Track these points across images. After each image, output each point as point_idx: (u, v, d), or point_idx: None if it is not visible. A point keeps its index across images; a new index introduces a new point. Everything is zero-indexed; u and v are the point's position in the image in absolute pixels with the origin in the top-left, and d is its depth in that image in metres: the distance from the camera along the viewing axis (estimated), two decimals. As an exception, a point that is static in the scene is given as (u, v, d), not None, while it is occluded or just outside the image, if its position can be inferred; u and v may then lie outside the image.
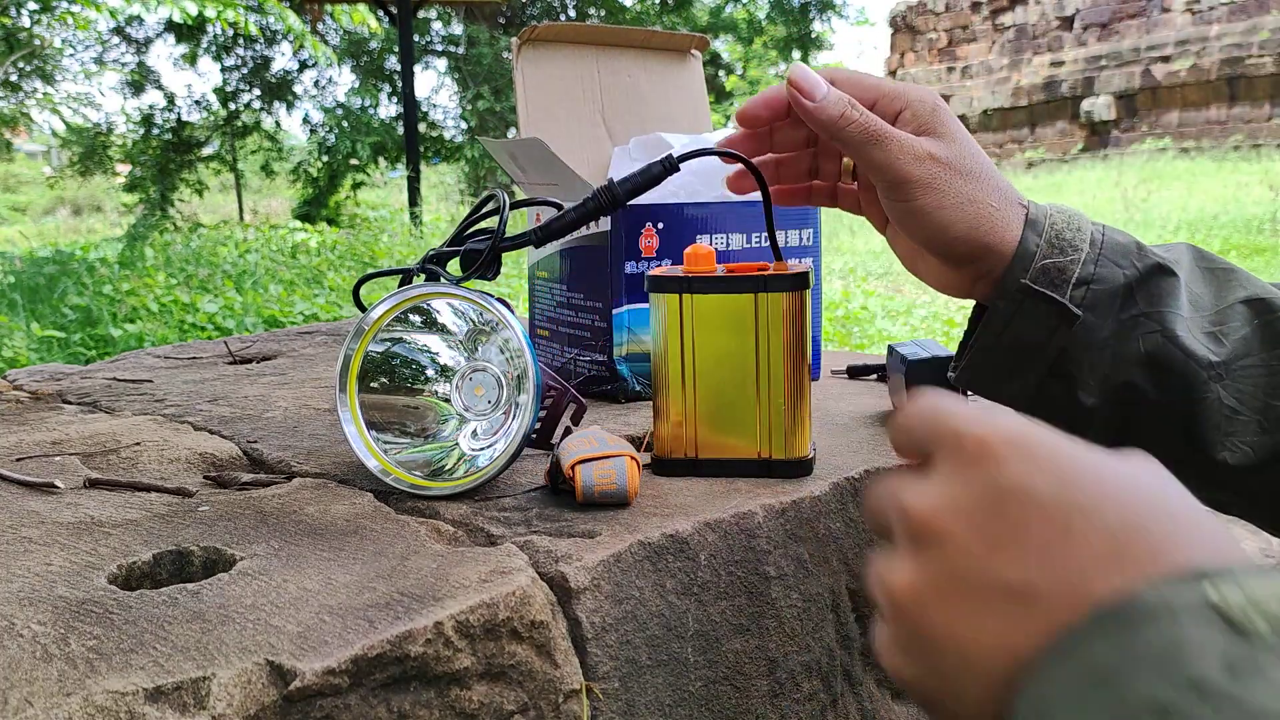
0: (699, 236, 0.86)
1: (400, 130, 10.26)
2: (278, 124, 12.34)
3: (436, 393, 0.66)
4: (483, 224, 0.69)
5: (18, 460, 0.73)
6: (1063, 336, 0.59)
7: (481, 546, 0.56)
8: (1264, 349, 0.57)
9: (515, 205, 0.70)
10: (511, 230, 0.69)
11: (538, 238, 0.67)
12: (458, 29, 11.36)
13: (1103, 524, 0.29)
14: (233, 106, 11.80)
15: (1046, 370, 0.60)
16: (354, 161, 11.05)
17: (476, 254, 0.67)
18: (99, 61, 11.47)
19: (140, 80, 11.62)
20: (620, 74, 1.03)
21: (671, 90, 1.05)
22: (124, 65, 11.57)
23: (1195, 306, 0.58)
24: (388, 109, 11.52)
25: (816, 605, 0.65)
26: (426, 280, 0.68)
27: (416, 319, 0.66)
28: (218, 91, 11.72)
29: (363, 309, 0.67)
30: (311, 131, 11.68)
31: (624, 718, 0.55)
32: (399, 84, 9.95)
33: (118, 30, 11.02)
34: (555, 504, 0.63)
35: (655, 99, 1.04)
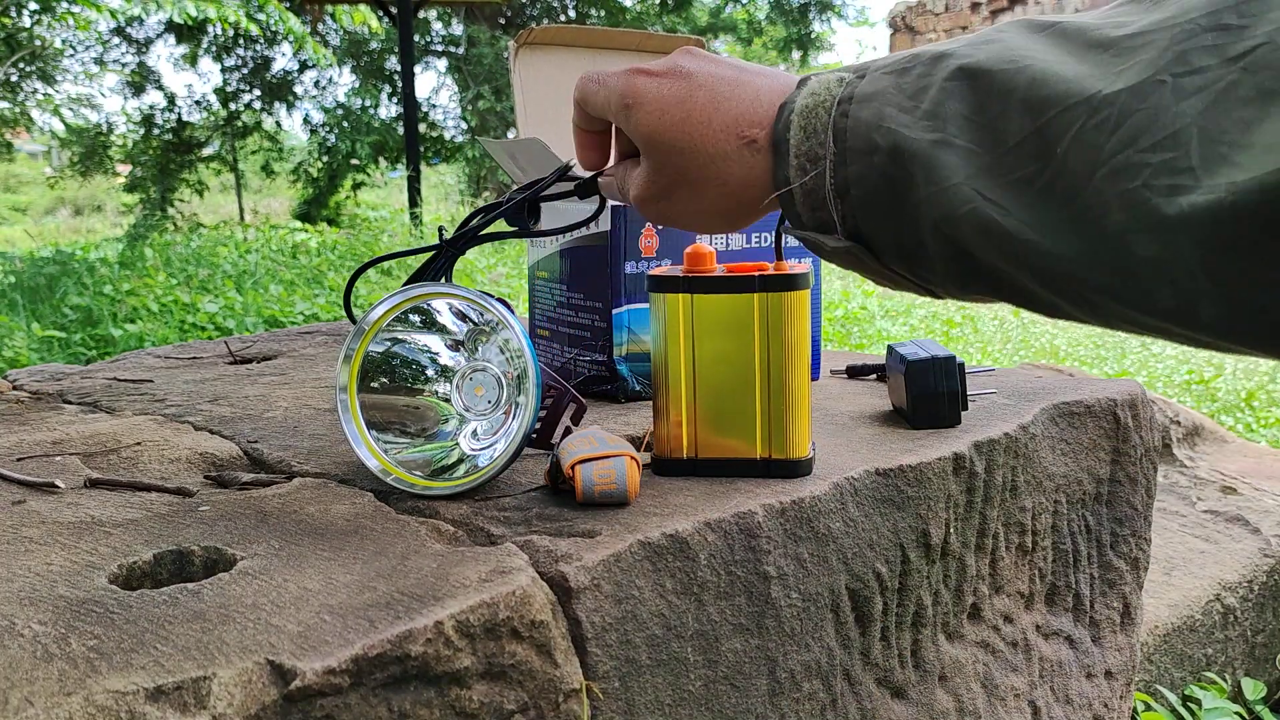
0: (699, 236, 0.86)
1: (400, 130, 10.26)
2: (278, 124, 12.34)
3: (437, 393, 0.66)
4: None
5: (18, 460, 0.73)
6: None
7: (482, 546, 0.56)
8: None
9: (545, 195, 0.69)
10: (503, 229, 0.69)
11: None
12: (458, 29, 11.36)
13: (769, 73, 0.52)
14: (233, 107, 11.80)
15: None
16: (354, 161, 11.05)
17: (519, 206, 0.67)
18: (99, 62, 11.47)
19: (140, 81, 11.62)
20: None
21: None
22: (124, 66, 11.57)
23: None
24: (388, 109, 11.52)
25: (816, 605, 0.65)
26: (431, 276, 0.68)
27: (416, 319, 0.66)
28: (218, 92, 11.72)
29: (350, 316, 0.67)
30: (312, 132, 11.68)
31: (624, 717, 0.55)
32: (399, 84, 9.95)
33: (118, 31, 11.02)
34: (555, 504, 0.63)
35: None
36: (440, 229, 0.70)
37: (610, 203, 0.67)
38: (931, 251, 0.43)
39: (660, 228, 0.85)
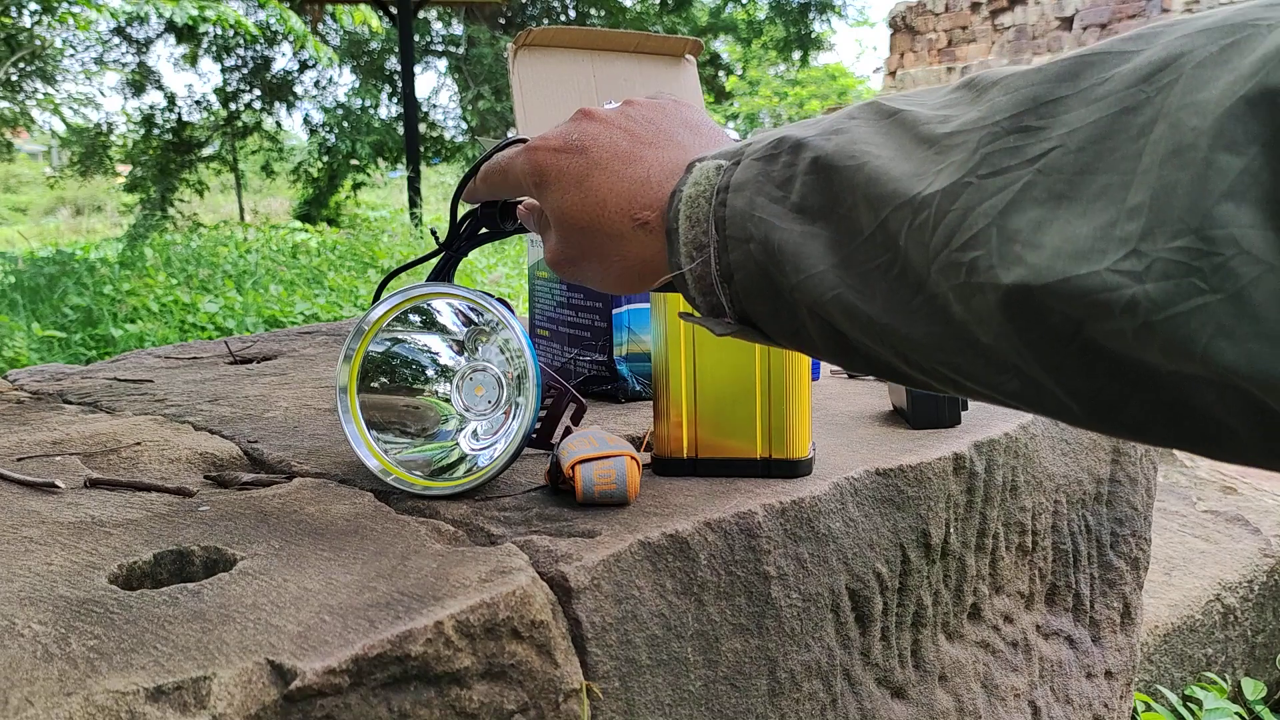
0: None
1: (400, 130, 10.26)
2: (278, 124, 12.34)
3: (437, 392, 0.66)
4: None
5: (18, 460, 0.73)
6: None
7: (482, 546, 0.56)
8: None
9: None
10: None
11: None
12: (458, 29, 11.36)
13: (693, 126, 0.55)
14: (233, 107, 11.81)
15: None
16: (354, 162, 11.06)
17: (492, 209, 0.67)
18: (99, 62, 11.47)
19: (141, 80, 11.62)
20: (616, 78, 1.03)
21: (666, 94, 1.05)
22: (124, 65, 11.57)
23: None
24: (388, 109, 11.52)
25: (816, 605, 0.65)
26: (431, 279, 0.68)
27: (416, 319, 0.66)
28: (218, 92, 11.73)
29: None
30: (312, 132, 11.69)
31: (624, 717, 0.55)
32: (399, 84, 9.96)
33: (118, 30, 11.02)
34: (555, 504, 0.63)
35: None
36: (433, 231, 0.70)
37: None
38: (810, 332, 0.45)
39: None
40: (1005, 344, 0.35)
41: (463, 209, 0.68)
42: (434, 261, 0.69)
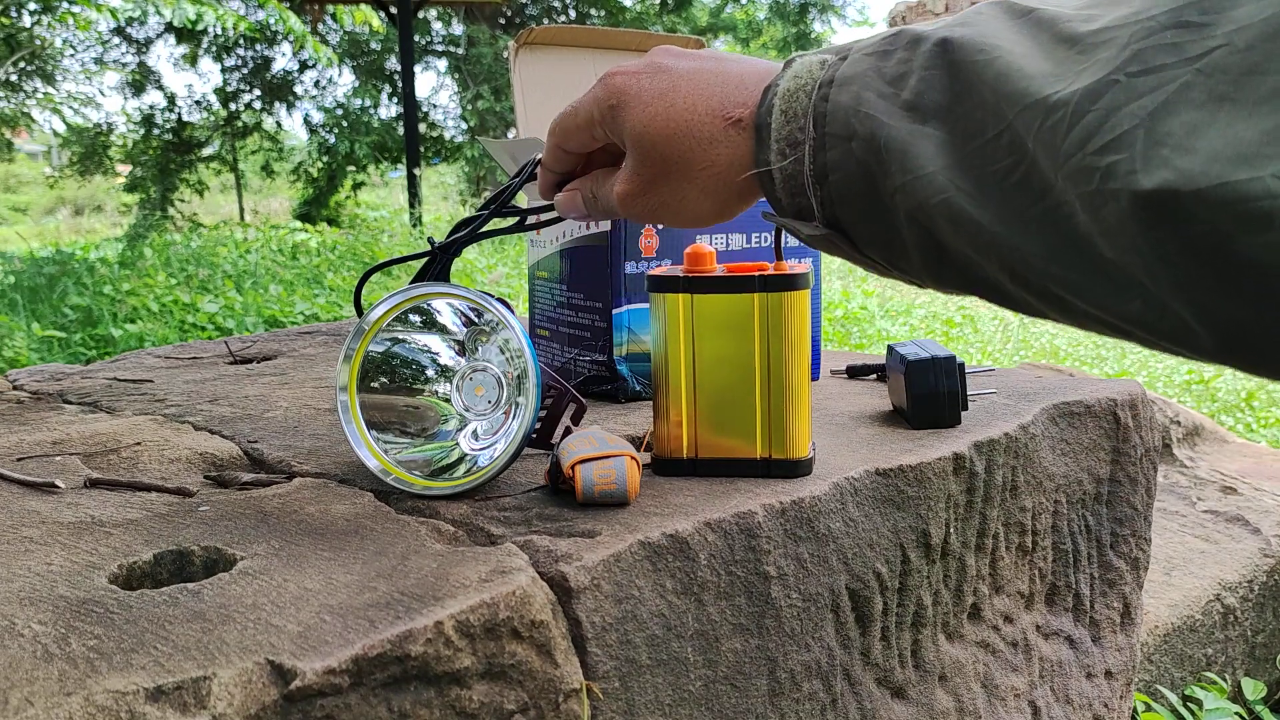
0: (699, 236, 0.86)
1: (400, 130, 10.27)
2: (278, 124, 12.34)
3: (437, 393, 0.66)
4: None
5: (18, 460, 0.73)
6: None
7: (482, 546, 0.56)
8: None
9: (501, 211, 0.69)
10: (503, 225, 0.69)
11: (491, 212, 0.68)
12: (458, 29, 11.36)
13: (748, 61, 0.52)
14: (233, 107, 11.81)
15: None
16: (353, 163, 11.06)
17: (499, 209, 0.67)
18: (99, 62, 11.48)
19: (141, 80, 11.62)
20: None
21: None
22: (124, 65, 11.58)
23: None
24: (388, 109, 11.53)
25: (816, 605, 0.65)
26: (430, 278, 0.68)
27: (416, 319, 0.66)
28: (218, 92, 11.73)
29: (359, 312, 0.67)
30: (312, 132, 11.69)
31: (624, 717, 0.55)
32: (399, 84, 9.96)
33: (118, 30, 11.02)
34: (555, 504, 0.63)
35: None
36: (430, 239, 0.70)
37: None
38: (906, 240, 0.42)
39: (660, 227, 0.85)
40: (1133, 259, 0.32)
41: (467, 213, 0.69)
42: (416, 261, 0.69)
